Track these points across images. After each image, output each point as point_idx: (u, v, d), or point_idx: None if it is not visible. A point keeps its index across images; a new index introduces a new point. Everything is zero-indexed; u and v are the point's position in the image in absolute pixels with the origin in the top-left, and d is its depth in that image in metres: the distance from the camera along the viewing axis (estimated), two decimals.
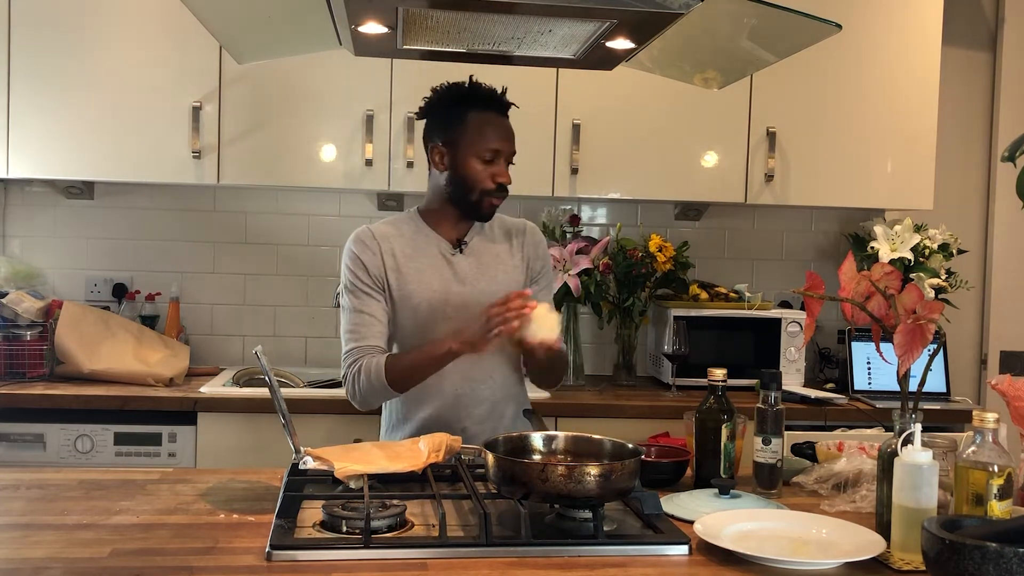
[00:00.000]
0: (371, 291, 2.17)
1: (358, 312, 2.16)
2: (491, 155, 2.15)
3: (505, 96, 2.21)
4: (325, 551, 1.49)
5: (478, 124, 2.16)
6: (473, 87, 2.19)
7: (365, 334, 2.14)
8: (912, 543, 1.49)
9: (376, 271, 2.17)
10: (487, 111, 2.18)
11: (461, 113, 2.17)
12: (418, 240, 2.21)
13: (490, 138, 2.15)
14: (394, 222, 2.26)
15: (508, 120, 2.20)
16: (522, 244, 2.29)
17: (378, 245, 2.19)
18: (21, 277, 3.29)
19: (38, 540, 1.54)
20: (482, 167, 2.16)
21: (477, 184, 2.16)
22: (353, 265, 2.18)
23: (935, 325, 1.67)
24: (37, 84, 3.11)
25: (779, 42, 1.99)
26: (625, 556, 1.53)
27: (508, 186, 2.19)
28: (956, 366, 3.67)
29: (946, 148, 3.65)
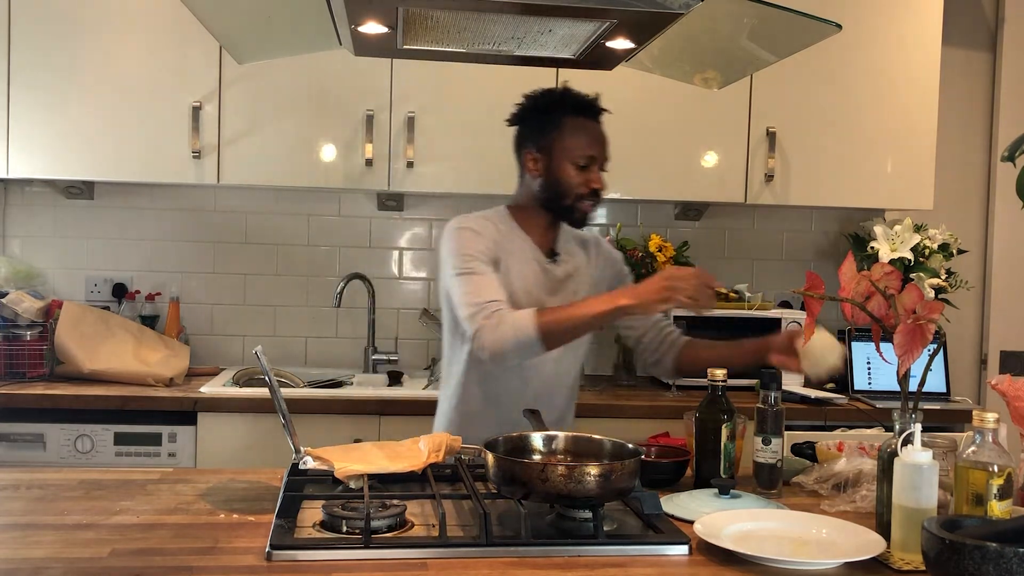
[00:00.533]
0: (489, 263, 2.11)
1: (483, 276, 2.07)
2: (586, 161, 2.15)
3: (599, 102, 2.20)
4: (325, 551, 1.49)
5: (572, 130, 2.15)
6: (567, 93, 2.19)
7: (495, 292, 2.05)
8: (912, 543, 1.49)
9: (490, 250, 2.13)
10: (581, 116, 2.17)
11: (555, 119, 2.17)
12: (515, 241, 2.19)
13: (585, 144, 2.15)
14: (489, 218, 2.21)
15: (602, 126, 2.19)
16: (597, 256, 2.31)
17: (490, 230, 2.15)
18: (21, 277, 3.29)
19: (38, 540, 1.54)
20: (576, 172, 2.15)
21: (572, 189, 2.15)
22: (471, 238, 2.12)
23: (935, 325, 1.66)
24: (37, 84, 3.12)
25: (779, 42, 1.99)
26: (625, 556, 1.53)
27: (603, 192, 2.18)
28: (956, 366, 3.67)
29: (946, 148, 3.65)
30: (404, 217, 3.64)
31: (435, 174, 3.26)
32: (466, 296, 2.05)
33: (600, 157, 2.17)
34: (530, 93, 2.22)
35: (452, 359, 2.25)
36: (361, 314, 3.57)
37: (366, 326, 3.55)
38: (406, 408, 3.01)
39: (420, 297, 3.64)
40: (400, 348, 3.58)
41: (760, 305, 3.40)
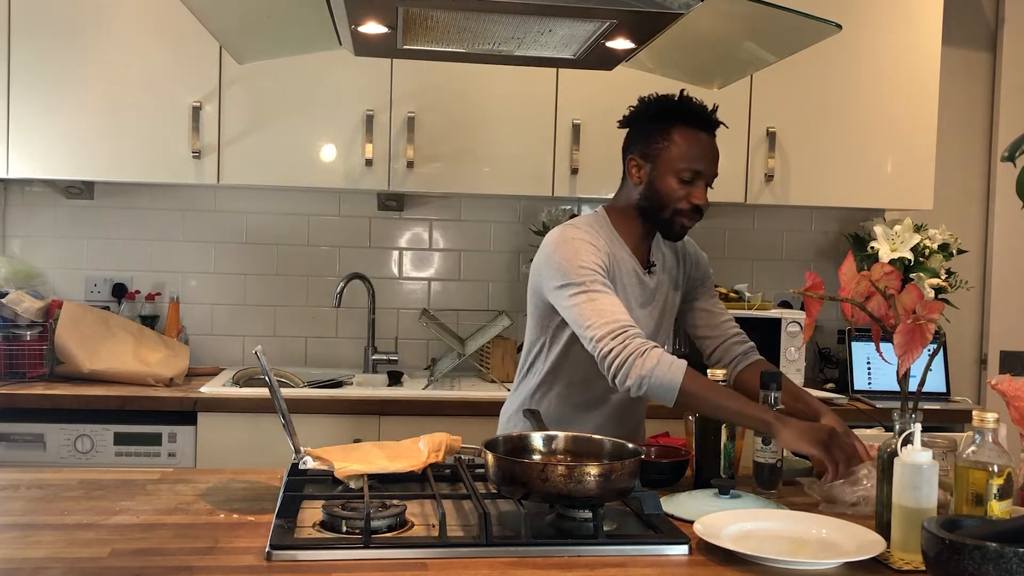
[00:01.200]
0: (608, 277, 2.02)
1: (606, 294, 1.97)
2: (691, 175, 2.05)
3: (715, 114, 2.09)
4: (325, 551, 1.49)
5: (682, 141, 2.05)
6: (683, 101, 2.08)
7: (623, 314, 1.95)
8: (912, 543, 1.49)
9: (606, 264, 2.05)
10: (693, 128, 2.06)
11: (666, 128, 2.06)
12: (616, 251, 2.11)
13: (692, 156, 2.05)
14: (594, 226, 2.12)
15: (714, 140, 2.09)
16: (684, 261, 2.28)
17: (603, 244, 2.07)
18: (21, 277, 3.29)
19: (38, 540, 1.54)
20: (679, 186, 2.06)
21: (672, 203, 2.07)
22: (590, 252, 2.02)
23: (935, 325, 1.66)
24: (37, 84, 3.12)
25: (779, 42, 1.99)
26: (625, 556, 1.52)
27: (705, 209, 2.10)
28: (956, 366, 3.67)
29: (946, 148, 3.65)
30: (404, 217, 3.63)
31: (435, 174, 3.26)
32: (593, 312, 1.95)
33: (707, 172, 2.07)
34: (645, 97, 2.12)
35: (534, 362, 2.20)
36: (361, 314, 3.57)
37: (366, 326, 3.55)
38: (406, 408, 3.01)
39: (420, 297, 3.64)
40: (400, 348, 3.58)
41: (760, 305, 3.40)
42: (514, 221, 3.66)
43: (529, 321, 2.21)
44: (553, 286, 2.03)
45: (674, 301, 2.25)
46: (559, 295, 2.01)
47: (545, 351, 2.17)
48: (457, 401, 3.05)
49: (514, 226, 3.66)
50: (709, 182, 2.09)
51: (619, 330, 1.91)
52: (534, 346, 2.20)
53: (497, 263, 3.67)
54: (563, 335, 2.12)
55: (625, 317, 1.95)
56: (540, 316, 2.15)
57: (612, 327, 1.92)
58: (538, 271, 2.11)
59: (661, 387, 1.88)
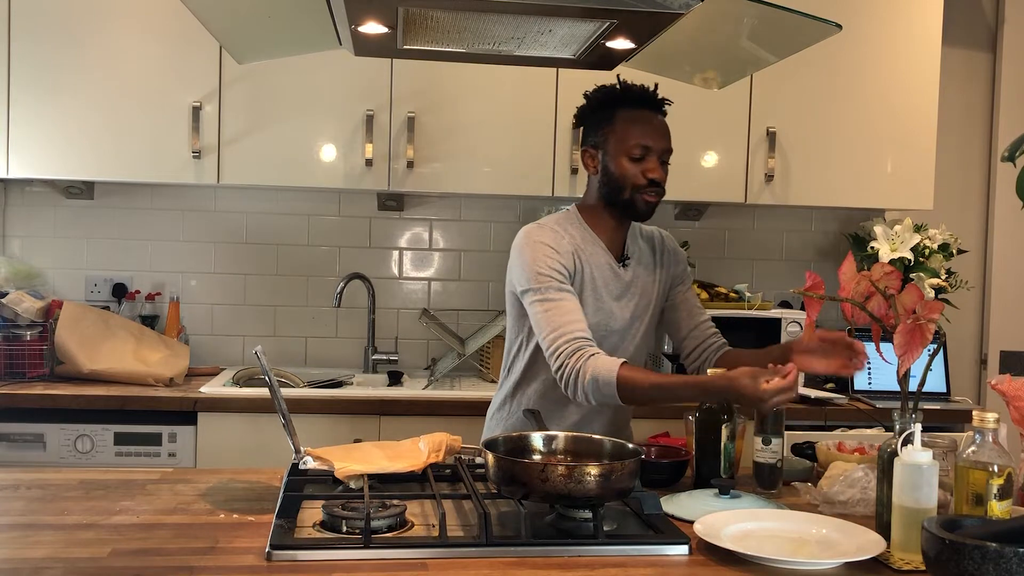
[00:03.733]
0: (565, 282, 2.07)
1: (559, 301, 2.03)
2: (641, 151, 2.10)
3: (656, 93, 2.15)
4: (325, 551, 1.49)
5: (626, 121, 2.11)
6: (623, 87, 2.14)
7: (575, 321, 2.01)
8: (912, 543, 1.49)
9: (568, 264, 2.10)
10: (636, 108, 2.13)
11: (610, 114, 2.14)
12: (587, 245, 2.16)
13: (638, 134, 2.10)
14: (562, 223, 2.17)
15: (661, 117, 2.15)
16: (663, 254, 2.29)
17: (568, 242, 2.12)
18: (21, 277, 3.29)
19: (38, 540, 1.54)
20: (631, 164, 2.10)
21: (627, 182, 2.11)
22: (549, 255, 2.07)
23: (935, 325, 1.67)
24: (37, 84, 3.12)
25: (779, 42, 1.99)
26: (625, 556, 1.53)
27: (662, 183, 2.12)
28: (956, 366, 3.67)
29: (946, 148, 3.65)
30: (404, 217, 3.64)
31: (435, 174, 3.26)
32: (547, 324, 2.01)
33: (656, 147, 2.11)
34: (587, 92, 2.19)
35: (514, 359, 2.23)
36: (361, 314, 3.57)
37: (366, 326, 3.55)
38: (406, 408, 3.01)
39: (420, 297, 3.64)
40: (400, 348, 3.58)
41: (760, 305, 3.40)
42: (514, 221, 3.66)
43: (507, 320, 2.24)
44: (519, 290, 2.11)
45: (652, 293, 2.25)
46: (524, 300, 2.10)
47: (523, 349, 2.20)
48: (457, 401, 3.05)
49: (514, 226, 3.65)
50: (663, 157, 2.14)
51: (564, 344, 1.98)
52: (513, 344, 2.23)
53: (497, 263, 3.66)
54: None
55: (574, 327, 2.00)
56: (515, 315, 2.19)
57: (560, 341, 1.99)
58: (510, 271, 2.17)
59: (604, 388, 1.93)
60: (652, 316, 2.27)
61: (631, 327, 2.21)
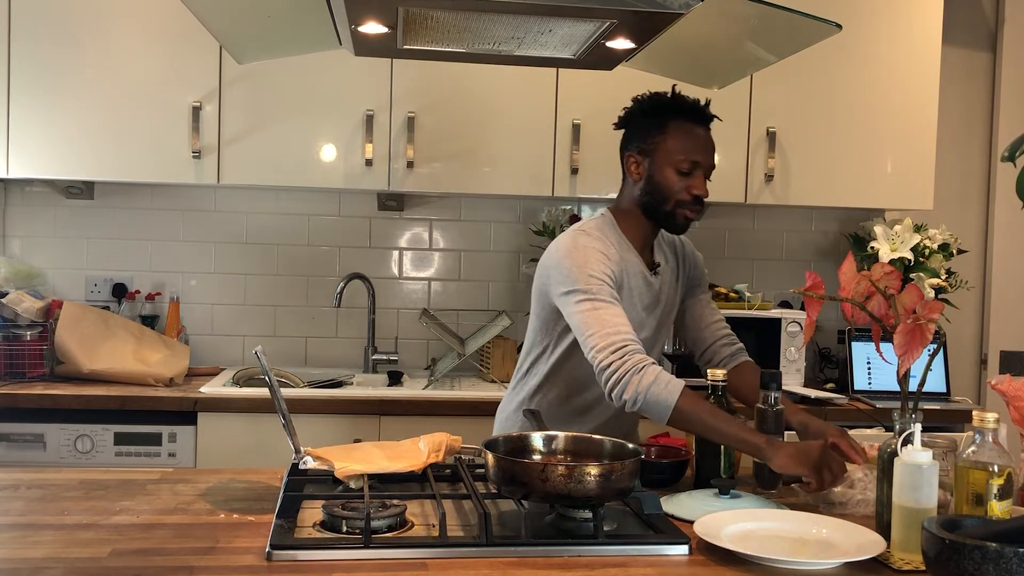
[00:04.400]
0: (615, 288, 2.04)
1: (611, 304, 1.99)
2: (689, 166, 2.08)
3: (708, 108, 2.13)
4: (325, 551, 1.49)
5: (677, 134, 2.09)
6: (676, 97, 2.12)
7: (626, 327, 1.96)
8: (912, 543, 1.49)
9: (617, 273, 2.07)
10: (688, 121, 2.10)
11: (661, 123, 2.10)
12: (625, 254, 2.13)
13: (689, 149, 2.08)
14: (602, 229, 2.14)
15: (709, 132, 2.13)
16: (683, 259, 2.29)
17: (613, 250, 2.09)
18: (21, 277, 3.29)
19: (38, 540, 1.54)
20: (678, 178, 2.08)
21: (672, 195, 2.09)
22: (600, 260, 2.03)
23: (935, 325, 1.66)
24: (37, 84, 3.12)
25: (779, 42, 1.99)
26: (625, 556, 1.53)
27: (704, 199, 2.11)
28: (956, 366, 3.67)
29: (946, 148, 3.65)
30: (404, 217, 3.64)
31: (435, 174, 3.26)
32: (596, 323, 1.96)
33: (704, 163, 2.09)
34: (638, 96, 2.16)
35: (535, 362, 2.21)
36: (361, 314, 3.57)
37: (366, 326, 3.55)
38: (406, 408, 3.01)
39: (420, 297, 3.64)
40: (400, 348, 3.58)
41: (760, 305, 3.40)
42: (514, 221, 3.66)
43: (533, 322, 2.21)
44: (560, 291, 2.04)
45: (674, 301, 2.26)
46: (565, 301, 2.02)
47: (548, 353, 2.18)
48: (457, 401, 3.05)
49: (514, 226, 3.66)
50: (707, 173, 2.12)
51: (620, 344, 1.92)
52: (535, 347, 2.20)
53: (497, 263, 3.67)
54: (566, 339, 2.12)
55: (627, 331, 1.95)
56: (545, 319, 2.15)
57: (613, 340, 1.93)
58: (546, 274, 2.11)
59: (657, 405, 1.88)
60: (670, 323, 2.29)
61: (655, 335, 2.21)
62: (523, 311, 3.53)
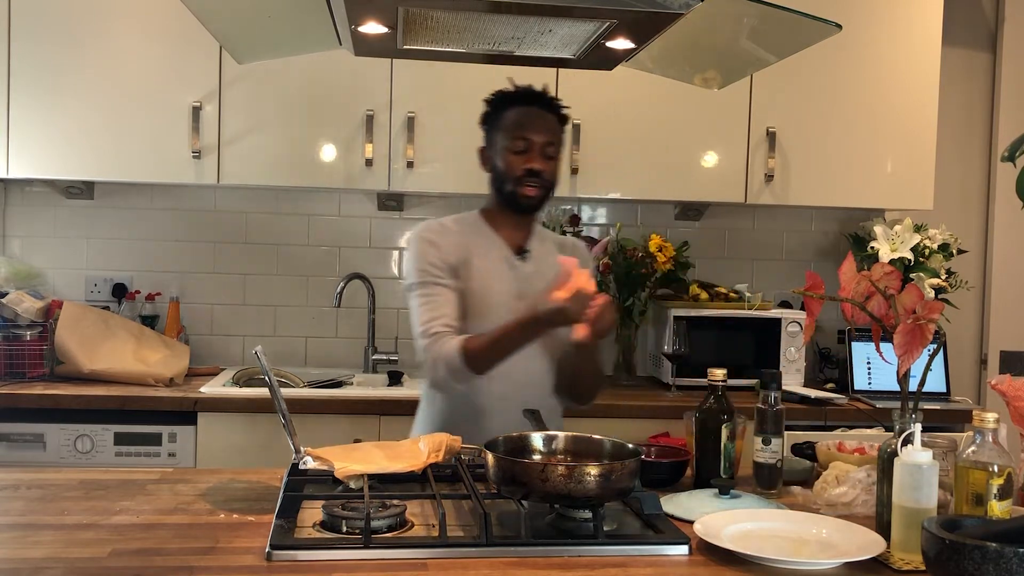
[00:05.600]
0: (443, 275, 2.16)
1: (432, 296, 2.15)
2: (523, 145, 2.15)
3: (544, 92, 2.22)
4: (325, 551, 1.49)
5: (511, 117, 2.18)
6: (517, 89, 2.22)
7: (440, 311, 2.12)
8: (912, 543, 1.49)
9: (451, 259, 2.18)
10: (523, 106, 2.19)
11: (499, 113, 2.21)
12: (482, 241, 2.22)
13: (519, 127, 2.16)
14: (459, 220, 2.26)
15: (549, 115, 2.20)
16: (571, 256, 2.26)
17: (452, 237, 2.20)
18: (21, 277, 3.29)
19: (38, 540, 1.54)
20: (513, 157, 2.16)
21: (510, 174, 2.17)
22: (427, 251, 2.17)
23: (935, 325, 1.66)
24: (37, 84, 3.12)
25: (779, 42, 1.99)
26: (625, 556, 1.53)
27: (544, 174, 2.17)
28: (956, 366, 3.67)
29: (946, 148, 3.65)
30: (404, 217, 3.63)
31: (435, 174, 3.26)
32: (417, 320, 2.14)
33: (538, 140, 2.16)
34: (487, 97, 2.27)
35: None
36: (361, 314, 3.57)
37: (366, 326, 3.55)
38: (406, 408, 3.00)
39: None
40: (400, 348, 3.57)
41: (760, 305, 3.40)
42: None
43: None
44: (404, 286, 2.23)
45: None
46: (407, 298, 2.21)
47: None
48: None
49: None
50: (547, 152, 2.18)
51: (431, 331, 2.10)
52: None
53: None
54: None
55: (439, 321, 2.11)
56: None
57: (427, 327, 2.11)
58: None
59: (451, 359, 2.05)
60: None
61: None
62: None
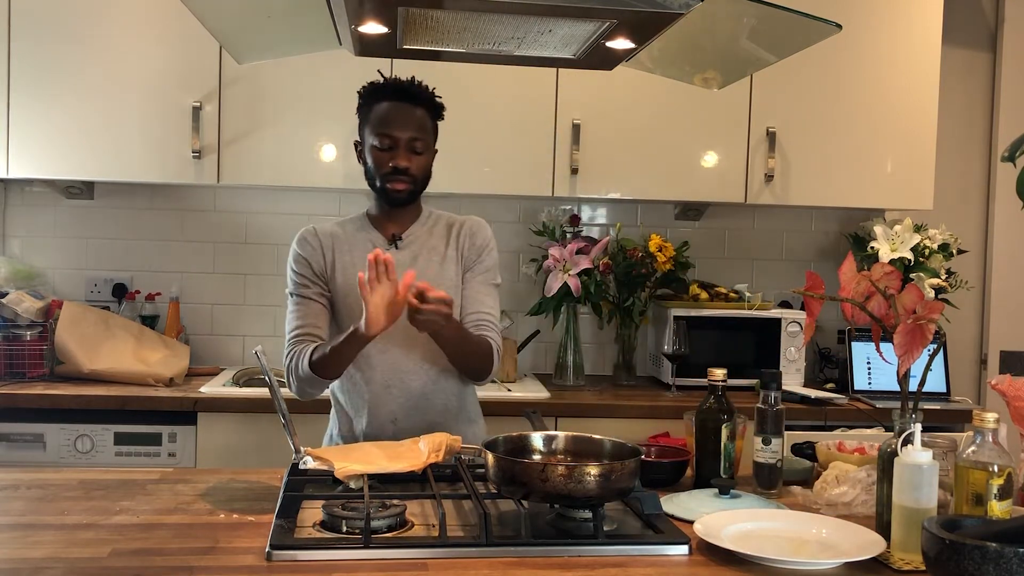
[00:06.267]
0: (311, 285, 2.21)
1: (299, 307, 2.20)
2: (388, 142, 2.15)
3: (409, 86, 2.20)
4: (325, 551, 1.49)
5: (375, 114, 2.18)
6: (387, 80, 2.22)
7: (302, 325, 2.17)
8: (912, 543, 1.49)
9: (317, 266, 2.21)
10: (389, 100, 2.19)
11: (367, 108, 2.21)
12: (357, 236, 2.25)
13: (382, 123, 2.16)
14: (341, 222, 2.30)
15: (417, 109, 2.19)
16: (458, 236, 2.26)
17: (319, 241, 2.24)
18: (21, 277, 3.29)
19: (38, 540, 1.54)
20: (379, 154, 2.16)
21: (377, 171, 2.17)
22: (295, 262, 2.23)
23: (935, 325, 1.67)
24: (37, 84, 3.12)
25: (779, 42, 1.99)
26: (625, 556, 1.53)
27: (410, 170, 2.16)
28: (956, 366, 3.67)
29: (946, 148, 3.65)
30: None
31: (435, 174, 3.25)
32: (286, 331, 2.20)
33: (402, 137, 2.14)
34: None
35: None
36: None
37: None
38: None
39: None
40: None
41: (760, 305, 3.40)
42: (514, 221, 3.65)
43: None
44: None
45: (445, 276, 2.21)
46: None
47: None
48: None
49: (514, 226, 3.66)
50: (413, 147, 2.16)
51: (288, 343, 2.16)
52: None
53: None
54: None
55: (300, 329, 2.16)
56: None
57: (287, 341, 2.16)
58: None
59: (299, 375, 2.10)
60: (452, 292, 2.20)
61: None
62: (523, 311, 3.53)
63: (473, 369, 2.21)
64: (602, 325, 3.57)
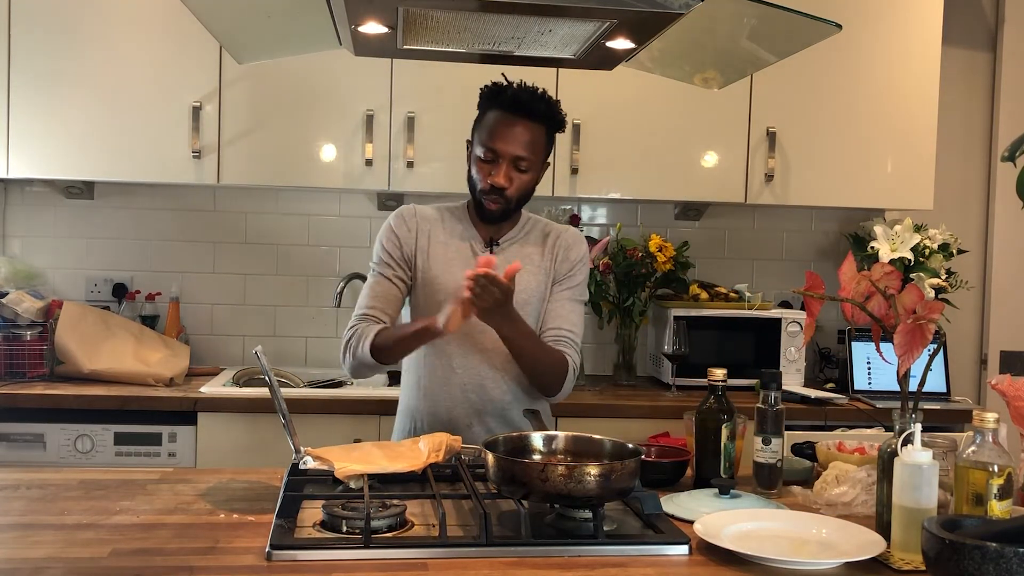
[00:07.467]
0: (394, 266, 2.18)
1: (376, 284, 2.18)
2: (491, 155, 2.10)
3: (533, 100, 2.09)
4: (325, 551, 1.49)
5: (487, 123, 2.12)
6: (503, 86, 2.13)
7: (374, 305, 2.15)
8: (912, 543, 1.49)
9: (407, 248, 2.19)
10: (504, 111, 2.10)
11: (482, 113, 2.17)
12: (455, 229, 2.22)
13: (491, 136, 2.10)
14: (440, 208, 2.26)
15: (530, 124, 2.09)
16: (553, 247, 2.23)
17: (416, 223, 2.21)
18: (21, 277, 3.29)
19: (38, 540, 1.54)
20: (481, 166, 2.13)
21: (476, 183, 2.15)
22: (386, 239, 2.20)
23: (935, 325, 1.66)
24: (37, 84, 3.12)
25: (779, 42, 1.99)
26: (625, 556, 1.53)
27: (506, 191, 2.10)
28: (956, 366, 3.67)
29: (946, 148, 3.65)
30: None
31: (435, 174, 3.26)
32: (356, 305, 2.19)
33: (505, 153, 2.08)
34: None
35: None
36: None
37: None
38: None
39: None
40: None
41: (760, 305, 3.40)
42: None
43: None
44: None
45: (531, 285, 2.19)
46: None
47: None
48: None
49: None
50: (516, 166, 2.10)
51: (355, 318, 2.14)
52: None
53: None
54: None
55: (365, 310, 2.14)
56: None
57: (354, 315, 2.15)
58: None
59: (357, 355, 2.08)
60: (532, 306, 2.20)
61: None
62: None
63: (544, 384, 2.17)
64: (602, 325, 3.57)
